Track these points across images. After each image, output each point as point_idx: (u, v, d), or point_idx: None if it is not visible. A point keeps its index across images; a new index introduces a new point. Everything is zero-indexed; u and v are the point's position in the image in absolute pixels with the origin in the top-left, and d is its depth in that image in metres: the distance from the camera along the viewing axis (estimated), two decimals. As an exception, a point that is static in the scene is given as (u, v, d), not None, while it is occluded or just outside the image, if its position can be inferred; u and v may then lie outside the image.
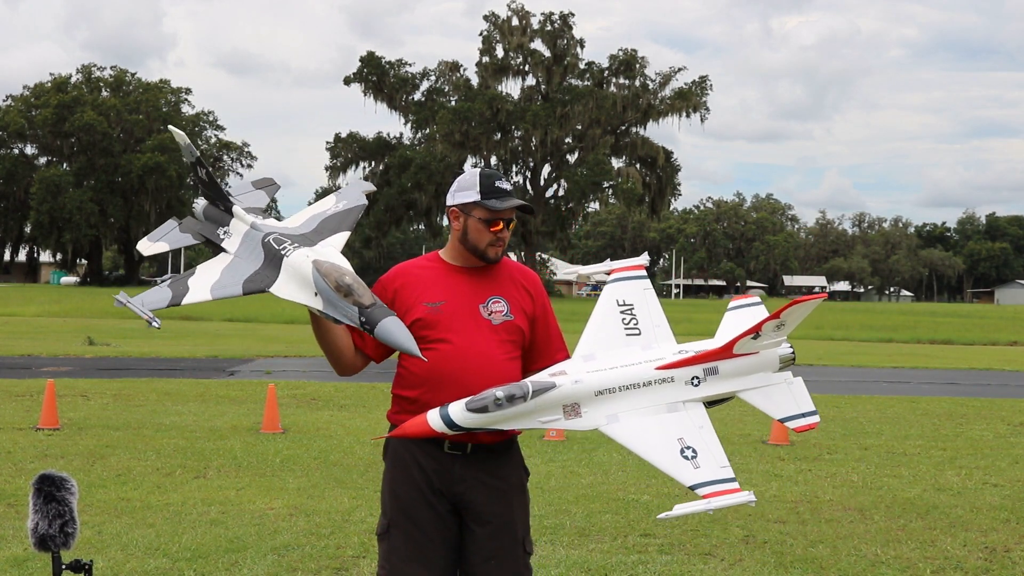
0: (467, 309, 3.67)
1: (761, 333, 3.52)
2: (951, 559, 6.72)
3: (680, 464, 3.41)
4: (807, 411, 3.63)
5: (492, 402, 3.41)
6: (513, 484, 3.75)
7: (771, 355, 3.64)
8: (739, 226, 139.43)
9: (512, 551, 3.71)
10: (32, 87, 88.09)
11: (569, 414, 3.49)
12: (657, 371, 3.56)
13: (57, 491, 3.37)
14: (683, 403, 3.56)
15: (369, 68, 73.80)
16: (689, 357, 3.59)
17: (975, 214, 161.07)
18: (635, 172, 73.74)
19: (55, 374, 16.41)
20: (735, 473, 3.51)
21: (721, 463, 3.43)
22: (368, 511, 7.61)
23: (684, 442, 3.45)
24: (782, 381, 3.66)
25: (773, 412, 3.65)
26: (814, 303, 3.45)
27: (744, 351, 3.59)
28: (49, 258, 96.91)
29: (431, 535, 3.67)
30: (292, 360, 21.29)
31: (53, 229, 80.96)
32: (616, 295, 3.90)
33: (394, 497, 3.72)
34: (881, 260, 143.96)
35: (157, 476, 8.80)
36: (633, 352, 3.68)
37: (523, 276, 3.85)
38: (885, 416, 13.72)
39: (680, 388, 3.57)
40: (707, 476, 3.38)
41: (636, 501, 8.12)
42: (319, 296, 3.44)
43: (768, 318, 3.50)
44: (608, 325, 3.81)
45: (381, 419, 12.25)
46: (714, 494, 3.34)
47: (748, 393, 3.66)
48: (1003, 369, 23.78)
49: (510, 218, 3.73)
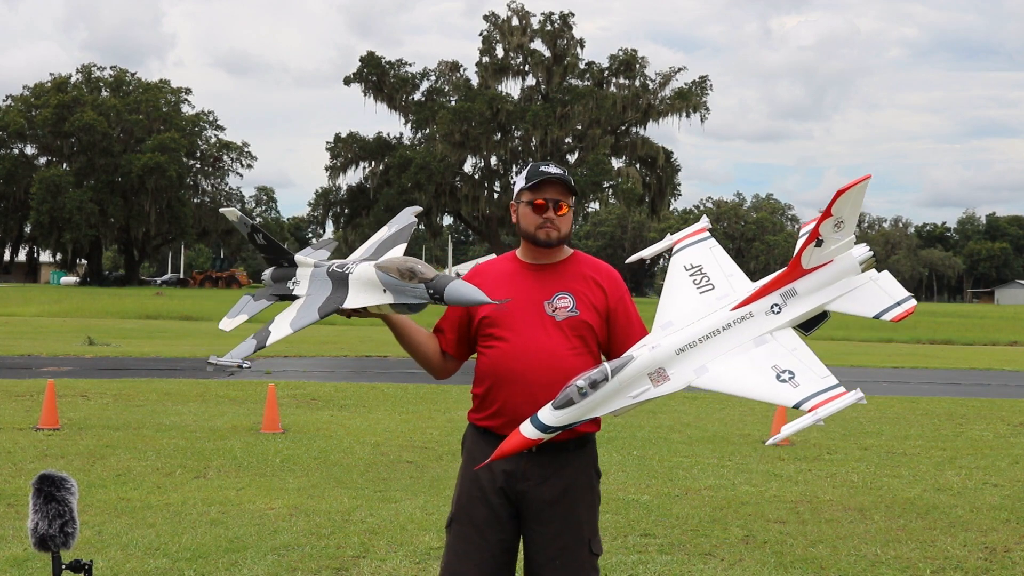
0: (532, 306, 3.68)
1: (822, 237, 3.33)
2: (951, 559, 6.72)
3: (779, 388, 3.26)
4: (901, 299, 3.38)
5: (576, 393, 3.35)
6: (580, 483, 3.72)
7: (848, 261, 3.43)
8: (739, 226, 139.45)
9: (577, 551, 3.68)
10: (32, 87, 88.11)
11: (657, 381, 3.38)
12: (733, 312, 3.45)
13: (57, 491, 3.37)
14: (770, 334, 3.40)
15: (369, 68, 73.77)
16: (761, 288, 3.46)
17: (975, 214, 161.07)
18: (635, 172, 73.70)
19: (55, 374, 16.41)
20: (733, 467, 3.49)
21: (822, 374, 3.26)
22: (368, 511, 7.61)
23: (778, 368, 3.31)
24: (867, 280, 3.44)
25: (865, 311, 3.40)
26: (862, 186, 3.24)
27: (816, 263, 3.40)
28: (49, 258, 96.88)
29: (487, 536, 3.69)
30: (292, 360, 21.29)
31: (53, 229, 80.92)
32: (682, 262, 3.79)
33: (459, 493, 3.79)
34: (881, 260, 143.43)
35: (157, 476, 8.80)
36: (707, 304, 3.57)
37: (595, 270, 3.81)
38: (885, 416, 13.72)
39: (762, 320, 3.43)
40: (808, 391, 3.22)
41: (636, 501, 8.12)
42: (388, 292, 3.55)
43: (821, 218, 3.30)
44: (680, 290, 3.70)
45: (381, 419, 12.30)
46: (819, 404, 3.17)
47: (836, 303, 3.43)
48: (1003, 369, 23.79)
49: (556, 199, 3.69)
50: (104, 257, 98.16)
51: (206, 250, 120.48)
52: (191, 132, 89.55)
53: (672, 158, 75.71)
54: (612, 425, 12.09)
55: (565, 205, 3.71)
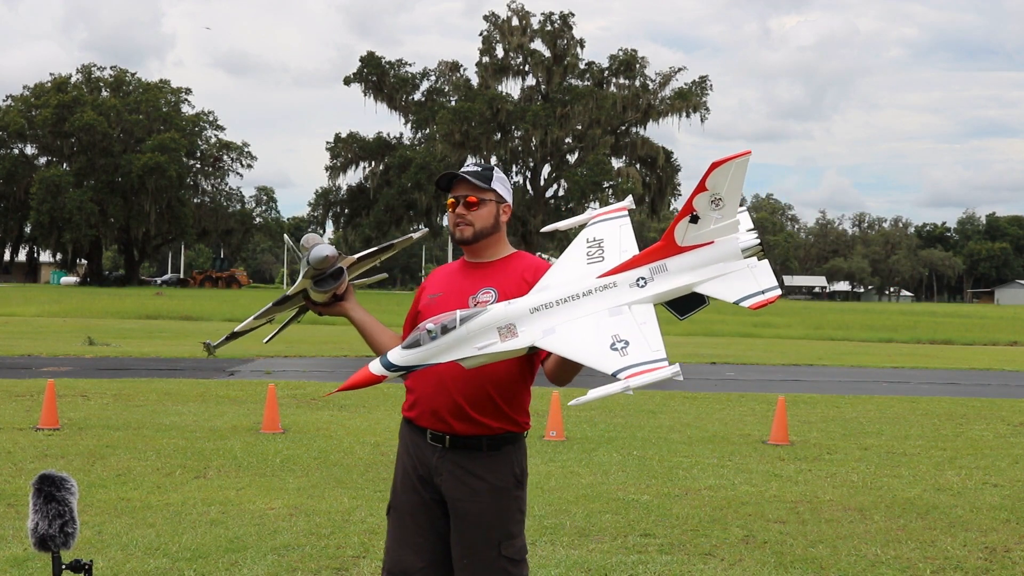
0: (456, 301, 3.72)
1: (697, 213, 3.11)
2: (951, 559, 6.72)
3: (607, 355, 3.08)
4: (766, 288, 3.14)
5: (425, 335, 3.29)
6: (492, 484, 3.68)
7: (730, 246, 3.20)
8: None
9: (484, 553, 3.66)
10: (32, 87, 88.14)
11: (504, 336, 3.26)
12: (597, 280, 3.28)
13: (57, 491, 3.37)
14: (628, 306, 3.21)
15: (369, 68, 73.81)
16: (632, 258, 3.28)
17: (975, 214, 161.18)
18: (635, 172, 73.72)
19: (55, 374, 16.41)
20: (733, 467, 3.45)
21: (654, 348, 3.05)
22: (368, 511, 7.61)
23: (617, 337, 3.12)
24: (743, 267, 3.18)
25: (727, 296, 3.16)
26: (740, 162, 3.01)
27: (692, 242, 3.19)
28: (49, 258, 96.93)
29: (419, 521, 3.74)
30: (292, 360, 21.29)
31: (53, 229, 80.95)
32: (588, 235, 3.62)
33: (394, 481, 3.88)
34: (881, 260, 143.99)
35: (157, 476, 8.79)
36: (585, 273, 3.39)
37: (526, 267, 3.81)
38: (885, 416, 13.72)
39: (624, 291, 3.24)
40: (633, 360, 3.03)
41: (636, 501, 8.12)
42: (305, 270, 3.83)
43: (694, 192, 3.06)
44: (570, 259, 3.55)
45: (381, 419, 12.30)
46: (634, 374, 2.98)
47: (704, 285, 3.20)
48: (1003, 369, 23.78)
49: (463, 195, 3.75)
50: (104, 257, 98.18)
51: (206, 250, 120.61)
52: (191, 132, 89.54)
53: (672, 158, 75.76)
54: (612, 425, 12.10)
55: (474, 199, 3.73)
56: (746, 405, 14.42)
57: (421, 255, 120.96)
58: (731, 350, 27.69)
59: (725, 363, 23.19)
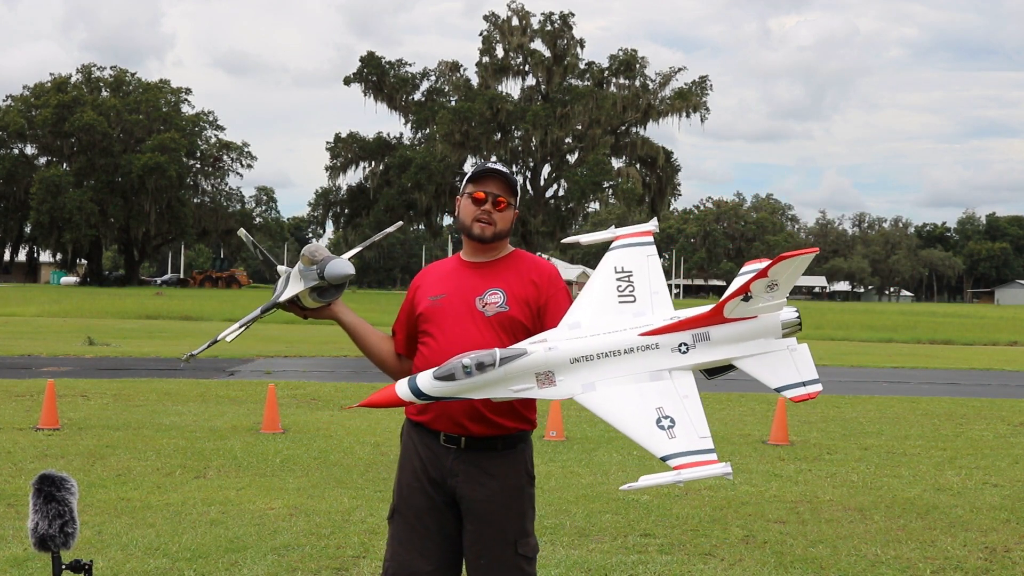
0: (463, 302, 3.69)
1: (751, 294, 3.20)
2: (951, 559, 6.72)
3: (655, 434, 3.13)
4: (808, 379, 3.23)
5: (460, 369, 3.27)
6: (507, 484, 3.69)
7: (771, 320, 3.29)
8: (739, 226, 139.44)
9: (501, 552, 3.66)
10: (32, 87, 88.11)
11: (542, 383, 3.27)
12: (640, 337, 3.29)
13: (57, 491, 3.37)
14: (668, 371, 3.25)
15: (369, 68, 73.80)
16: (676, 322, 3.31)
17: (975, 214, 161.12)
18: (635, 172, 73.72)
19: (55, 374, 16.41)
20: (733, 467, 3.43)
21: (701, 434, 3.13)
22: (368, 511, 7.61)
23: (663, 411, 3.17)
24: (783, 348, 3.28)
25: (770, 380, 3.26)
26: (805, 258, 3.10)
27: (738, 315, 3.26)
28: (49, 258, 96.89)
29: (427, 524, 3.70)
30: (292, 360, 21.29)
31: (53, 229, 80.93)
32: (615, 262, 3.61)
33: (398, 483, 3.81)
34: (881, 260, 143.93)
35: (157, 476, 8.79)
36: (621, 319, 3.41)
37: (532, 268, 3.78)
38: (885, 416, 13.72)
39: (666, 355, 3.28)
40: (681, 447, 3.09)
41: (636, 501, 8.12)
42: (302, 280, 3.79)
43: (755, 276, 3.17)
44: (600, 292, 3.53)
45: (381, 419, 12.28)
46: (686, 465, 3.04)
47: (744, 361, 3.30)
48: (1003, 369, 23.78)
49: (496, 193, 3.70)
50: (104, 257, 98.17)
51: (206, 250, 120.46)
52: (191, 132, 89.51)
53: (672, 158, 75.75)
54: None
55: (504, 201, 3.71)
56: (746, 405, 14.42)
57: (421, 255, 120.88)
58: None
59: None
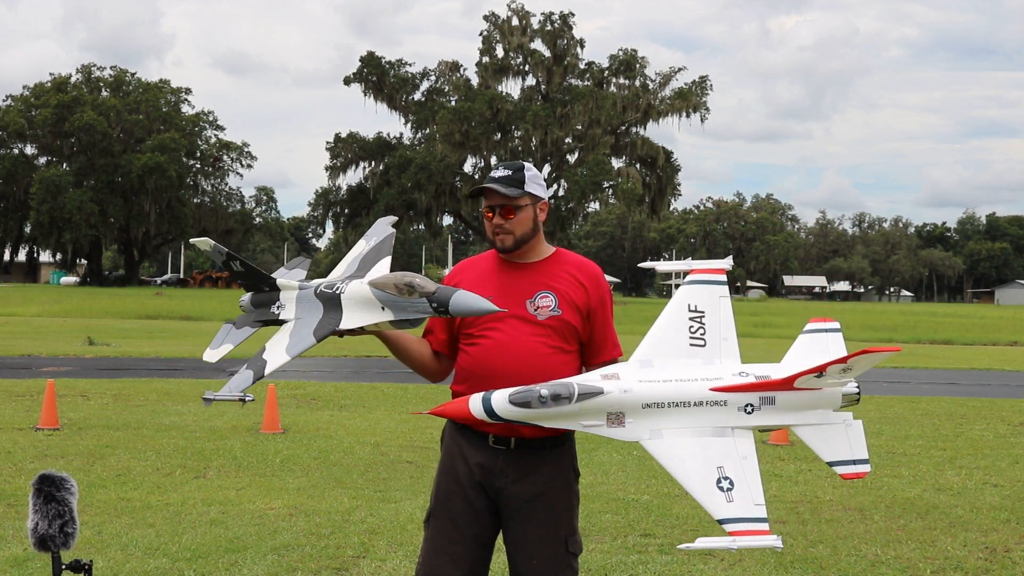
0: (514, 304, 3.66)
1: (826, 373, 3.39)
2: (951, 559, 6.72)
3: (714, 494, 3.30)
4: (859, 459, 3.50)
5: (536, 399, 3.34)
6: (556, 483, 3.71)
7: (834, 392, 3.51)
8: (739, 226, 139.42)
9: (554, 551, 3.68)
10: (32, 87, 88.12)
11: (612, 422, 3.39)
12: (711, 392, 3.44)
13: (57, 491, 3.37)
14: (732, 429, 3.43)
15: (369, 68, 73.78)
16: (747, 383, 3.47)
17: (975, 214, 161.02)
18: (635, 172, 73.70)
19: (55, 374, 16.41)
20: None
21: (756, 500, 3.30)
22: (368, 511, 7.61)
23: (723, 471, 3.34)
24: (840, 422, 3.52)
25: (824, 453, 3.50)
26: (886, 355, 3.31)
27: (806, 386, 3.46)
28: (49, 258, 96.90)
29: (463, 530, 3.69)
30: (292, 360, 21.24)
31: (53, 229, 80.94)
32: (689, 299, 3.73)
33: (437, 488, 3.79)
34: (881, 260, 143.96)
35: (157, 476, 8.80)
36: (692, 366, 3.56)
37: (579, 269, 3.77)
38: (885, 416, 13.72)
39: (732, 413, 3.44)
40: (738, 512, 3.27)
41: (636, 501, 8.12)
42: (386, 309, 3.54)
43: (835, 361, 3.36)
44: (673, 331, 3.67)
45: (381, 419, 12.29)
46: (741, 532, 3.22)
47: (802, 429, 3.51)
48: (1003, 369, 23.79)
49: (499, 204, 3.67)
50: (104, 257, 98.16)
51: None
52: (191, 132, 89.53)
53: (672, 158, 75.72)
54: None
55: (511, 208, 3.68)
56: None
57: (421, 255, 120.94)
58: (731, 350, 27.67)
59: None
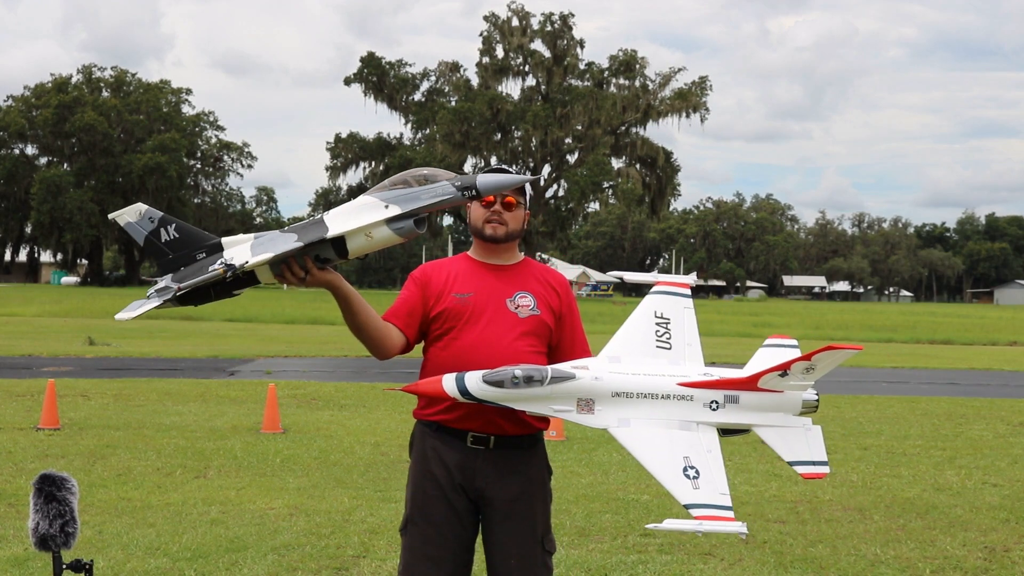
0: (494, 301, 3.71)
1: (789, 372, 3.53)
2: (951, 559, 6.72)
3: (680, 480, 3.42)
4: (818, 460, 3.62)
5: (509, 379, 3.42)
6: (535, 480, 3.76)
7: (794, 397, 3.63)
8: (739, 226, 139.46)
9: (531, 550, 3.72)
10: (33, 87, 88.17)
11: (582, 408, 3.50)
12: (678, 387, 3.58)
13: (58, 491, 3.37)
14: (697, 424, 3.56)
15: (369, 68, 73.83)
16: (712, 380, 3.62)
17: (974, 214, 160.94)
18: (635, 172, 73.75)
19: (55, 374, 16.41)
20: (733, 467, 3.52)
21: (721, 490, 3.42)
22: (368, 511, 7.62)
23: (689, 461, 3.46)
24: (800, 426, 3.66)
25: (784, 453, 3.63)
26: (848, 353, 3.43)
27: (769, 387, 3.58)
28: (49, 258, 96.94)
29: (445, 534, 3.70)
30: (292, 360, 21.29)
31: (53, 229, 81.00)
32: (656, 307, 3.93)
33: (414, 494, 3.77)
34: (881, 260, 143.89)
35: (157, 476, 8.80)
36: (659, 364, 3.72)
37: (550, 275, 3.90)
38: (885, 416, 13.73)
39: (697, 408, 3.57)
40: (704, 499, 3.38)
41: (636, 501, 8.12)
42: (391, 205, 3.36)
43: (799, 358, 3.50)
44: (640, 333, 3.84)
45: (381, 419, 12.30)
46: (707, 517, 3.33)
47: (763, 429, 3.64)
48: (1003, 369, 23.79)
49: (504, 193, 3.73)
50: (104, 257, 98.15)
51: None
52: (191, 132, 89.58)
53: (672, 158, 75.74)
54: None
55: (513, 200, 3.76)
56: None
57: (421, 255, 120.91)
58: (731, 350, 27.66)
59: (725, 363, 23.20)
